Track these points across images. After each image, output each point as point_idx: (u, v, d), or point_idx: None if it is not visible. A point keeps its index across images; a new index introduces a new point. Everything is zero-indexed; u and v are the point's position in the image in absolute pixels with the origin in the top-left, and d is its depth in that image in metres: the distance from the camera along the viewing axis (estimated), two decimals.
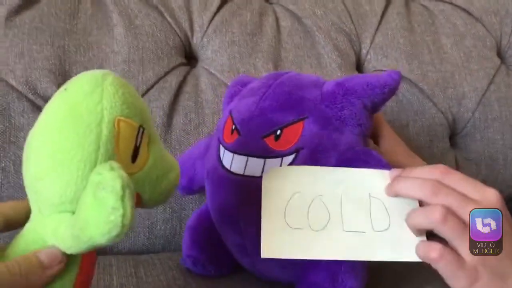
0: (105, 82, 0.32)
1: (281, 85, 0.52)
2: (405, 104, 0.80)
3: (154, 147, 0.35)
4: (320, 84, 0.52)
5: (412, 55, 0.83)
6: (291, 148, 0.48)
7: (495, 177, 0.82)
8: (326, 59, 0.80)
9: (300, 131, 0.48)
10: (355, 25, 0.83)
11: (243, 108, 0.52)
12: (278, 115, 0.49)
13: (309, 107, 0.49)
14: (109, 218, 0.27)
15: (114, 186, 0.27)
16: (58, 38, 0.69)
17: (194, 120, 0.72)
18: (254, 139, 0.49)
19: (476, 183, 0.42)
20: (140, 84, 0.71)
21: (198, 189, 0.60)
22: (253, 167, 0.48)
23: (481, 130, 0.82)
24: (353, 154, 0.48)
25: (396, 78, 0.49)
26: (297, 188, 0.45)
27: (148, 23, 0.74)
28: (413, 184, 0.43)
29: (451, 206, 0.41)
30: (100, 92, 0.31)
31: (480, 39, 0.87)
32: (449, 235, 0.41)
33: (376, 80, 0.49)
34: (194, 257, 0.56)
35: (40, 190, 0.31)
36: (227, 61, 0.76)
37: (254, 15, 0.79)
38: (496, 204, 0.41)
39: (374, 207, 0.45)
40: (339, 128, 0.49)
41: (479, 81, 0.83)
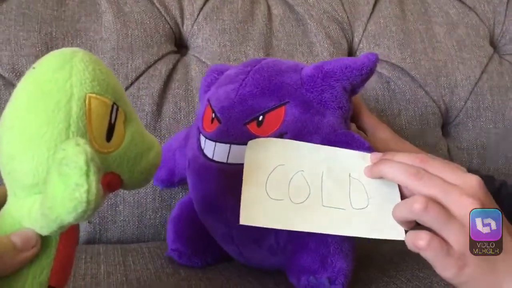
0: (74, 59, 0.31)
1: (260, 71, 0.51)
2: (397, 92, 0.80)
3: (131, 125, 0.34)
4: (298, 68, 0.52)
5: (405, 44, 0.82)
6: (274, 133, 0.48)
7: (487, 166, 0.82)
8: (318, 47, 0.79)
9: (282, 116, 0.48)
10: (348, 13, 0.82)
11: (222, 96, 0.51)
12: (259, 101, 0.49)
13: (289, 92, 0.49)
14: (74, 195, 0.26)
15: (77, 161, 0.26)
16: (45, 25, 0.68)
17: (184, 108, 0.71)
18: (236, 126, 0.49)
19: (457, 169, 0.42)
20: (129, 72, 0.70)
21: (179, 181, 0.60)
22: (236, 154, 0.48)
23: (474, 119, 0.82)
24: (336, 137, 0.48)
25: (373, 59, 0.49)
26: (280, 161, 0.45)
27: (138, 10, 0.73)
28: (398, 168, 0.43)
29: (434, 193, 0.41)
30: (69, 69, 0.31)
31: (473, 28, 0.86)
32: (433, 223, 0.40)
33: (354, 62, 0.49)
34: (179, 251, 0.56)
35: (13, 171, 0.31)
36: (218, 49, 0.75)
37: (245, 3, 0.79)
38: (477, 189, 0.41)
39: (353, 187, 0.45)
40: (320, 111, 0.49)
41: (472, 70, 0.83)
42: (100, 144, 0.31)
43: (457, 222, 0.40)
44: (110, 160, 0.33)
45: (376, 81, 0.79)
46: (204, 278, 0.53)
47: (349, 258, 0.49)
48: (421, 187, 0.41)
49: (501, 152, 0.82)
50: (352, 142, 0.48)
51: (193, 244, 0.56)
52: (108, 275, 0.53)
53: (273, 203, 0.44)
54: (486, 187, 0.42)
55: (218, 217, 0.50)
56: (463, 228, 0.40)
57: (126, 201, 0.67)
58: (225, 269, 0.56)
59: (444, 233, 0.40)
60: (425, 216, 0.40)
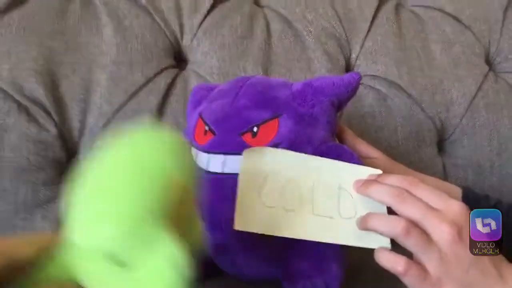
0: (175, 142, 0.33)
1: (253, 86, 0.54)
2: (393, 109, 0.80)
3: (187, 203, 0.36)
4: (288, 85, 0.55)
5: (401, 61, 0.83)
6: (269, 143, 0.50)
7: (482, 183, 0.82)
8: (316, 63, 0.80)
9: (276, 127, 0.50)
10: (345, 30, 0.83)
11: (217, 109, 0.53)
12: (254, 113, 0.51)
13: (282, 105, 0.52)
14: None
15: (183, 270, 0.29)
16: (46, 39, 0.69)
17: (182, 123, 0.71)
18: (231, 137, 0.50)
19: (442, 195, 0.44)
20: (128, 86, 0.70)
21: None
22: (232, 164, 0.49)
23: (469, 136, 0.82)
24: (327, 148, 0.51)
25: (356, 78, 0.53)
26: (274, 169, 0.48)
27: (137, 24, 0.74)
28: (383, 189, 0.45)
29: (415, 216, 0.43)
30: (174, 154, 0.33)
31: (469, 46, 0.87)
32: (412, 248, 0.42)
33: (341, 80, 0.53)
34: None
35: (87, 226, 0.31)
36: (217, 63, 0.75)
37: (244, 18, 0.79)
38: (459, 215, 0.43)
39: (342, 197, 0.48)
40: (311, 124, 0.52)
41: (467, 88, 0.84)
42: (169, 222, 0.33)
43: (435, 248, 0.42)
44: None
45: (373, 98, 0.80)
46: None
47: (343, 263, 0.51)
48: (404, 209, 0.43)
49: (496, 170, 0.83)
50: (342, 154, 0.50)
51: None
52: None
53: (267, 210, 0.46)
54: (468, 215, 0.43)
55: (213, 227, 0.51)
56: (439, 253, 0.41)
57: None
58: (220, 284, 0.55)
59: (422, 258, 0.42)
60: (405, 240, 0.42)
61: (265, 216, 0.46)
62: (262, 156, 0.48)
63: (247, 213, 0.46)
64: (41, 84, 0.66)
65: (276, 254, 0.51)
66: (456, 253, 0.42)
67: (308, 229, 0.46)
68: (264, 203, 0.46)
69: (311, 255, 0.50)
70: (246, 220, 0.45)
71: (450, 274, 0.42)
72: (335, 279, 0.50)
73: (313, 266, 0.50)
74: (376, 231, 0.45)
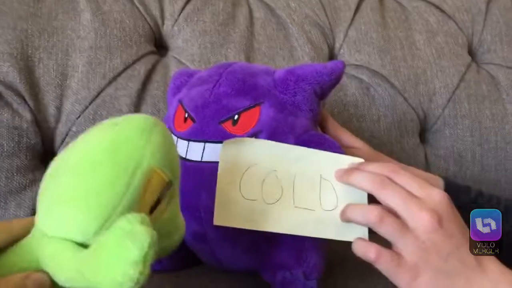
0: (154, 130, 0.32)
1: (233, 73, 0.52)
2: (376, 99, 0.80)
3: (173, 203, 0.35)
4: (271, 72, 0.53)
5: (385, 51, 0.83)
6: (249, 132, 0.48)
7: (464, 173, 0.82)
8: (299, 52, 0.79)
9: (257, 115, 0.49)
10: (329, 18, 0.83)
11: (196, 96, 0.52)
12: (234, 100, 0.50)
13: (264, 93, 0.51)
14: (128, 271, 0.27)
15: (143, 242, 0.27)
16: (21, 22, 0.67)
17: (162, 109, 0.70)
18: (211, 125, 0.49)
19: (423, 183, 0.44)
20: (107, 72, 0.69)
21: None
22: (211, 152, 0.48)
23: (451, 127, 0.83)
24: (308, 137, 0.50)
25: (340, 67, 0.52)
26: (254, 161, 0.46)
27: (117, 9, 0.72)
28: (365, 176, 0.45)
29: (394, 203, 0.43)
30: (146, 138, 0.32)
31: (452, 36, 0.87)
32: (386, 235, 0.43)
33: (324, 67, 0.52)
34: None
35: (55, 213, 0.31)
36: (198, 50, 0.74)
37: (226, 5, 0.78)
38: (439, 204, 0.43)
39: (323, 188, 0.47)
40: (293, 113, 0.51)
41: (450, 78, 0.84)
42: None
43: (411, 234, 0.42)
44: None
45: (356, 87, 0.80)
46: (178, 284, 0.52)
47: (322, 253, 0.50)
48: (384, 196, 0.43)
49: (477, 160, 0.83)
50: (324, 142, 0.50)
51: None
52: None
53: (247, 204, 0.45)
54: (450, 204, 0.43)
55: (191, 215, 0.50)
56: (416, 240, 0.41)
57: None
58: (200, 273, 0.55)
59: (398, 245, 0.42)
60: (378, 228, 0.42)
61: (245, 209, 0.45)
62: (240, 147, 0.46)
63: (227, 208, 0.45)
64: (15, 68, 0.64)
65: (255, 244, 0.50)
66: (435, 242, 0.41)
67: (289, 222, 0.46)
68: (244, 196, 0.45)
69: (290, 246, 0.49)
70: (225, 214, 0.45)
71: (428, 262, 0.42)
72: (315, 270, 0.49)
73: (293, 257, 0.49)
74: (353, 221, 0.45)
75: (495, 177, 0.84)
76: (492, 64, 0.89)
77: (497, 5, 0.92)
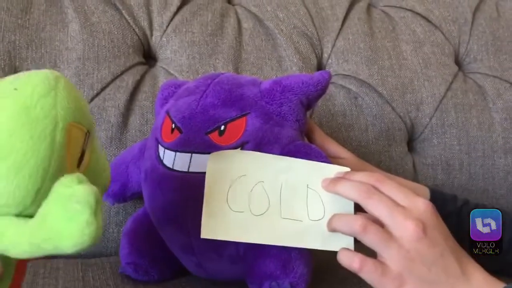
0: (59, 85, 0.31)
1: (220, 84, 0.53)
2: (364, 108, 0.81)
3: (94, 149, 0.35)
4: (257, 83, 0.54)
5: (372, 60, 0.83)
6: (236, 142, 0.49)
7: (451, 181, 0.83)
8: (287, 62, 0.80)
9: (243, 126, 0.50)
10: (317, 29, 0.83)
11: (183, 107, 0.52)
12: (221, 111, 0.50)
13: (250, 103, 0.51)
14: (84, 231, 0.27)
15: (88, 200, 0.27)
16: (8, 33, 0.67)
17: (151, 120, 0.70)
18: (198, 136, 0.49)
19: (408, 192, 0.44)
20: (95, 83, 0.69)
21: (131, 195, 0.60)
22: (198, 163, 0.48)
23: (438, 136, 0.83)
24: (294, 147, 0.50)
25: (326, 77, 0.53)
26: (241, 172, 0.47)
27: (105, 21, 0.72)
28: (351, 186, 0.45)
29: (380, 212, 0.43)
30: (54, 96, 0.30)
31: (438, 46, 0.88)
32: (370, 244, 0.43)
33: (310, 78, 0.52)
34: (134, 263, 0.55)
35: None
36: (187, 61, 0.75)
37: (215, 16, 0.79)
38: (424, 212, 0.43)
39: (310, 198, 0.47)
40: (279, 123, 0.51)
41: (437, 88, 0.85)
42: (73, 171, 0.31)
43: (395, 244, 0.42)
44: None
45: (344, 97, 0.80)
46: None
47: (309, 263, 0.50)
48: (370, 205, 0.44)
49: (465, 169, 0.83)
50: (310, 153, 0.50)
51: (150, 256, 0.55)
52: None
53: (234, 216, 0.45)
54: (435, 213, 0.44)
55: (178, 227, 0.50)
56: (401, 250, 0.42)
57: None
58: (186, 283, 0.55)
59: (382, 254, 0.43)
60: (363, 237, 0.43)
61: (233, 222, 0.45)
62: (227, 159, 0.47)
63: (214, 220, 0.45)
64: None
65: (241, 255, 0.50)
66: (419, 251, 0.42)
67: (277, 234, 0.46)
68: (232, 209, 0.45)
69: (277, 256, 0.49)
70: (213, 227, 0.45)
71: (412, 271, 0.42)
72: (302, 280, 0.49)
73: (279, 267, 0.49)
74: (338, 231, 0.45)
75: (482, 185, 0.85)
76: (478, 74, 0.90)
77: (483, 15, 0.93)
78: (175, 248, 0.53)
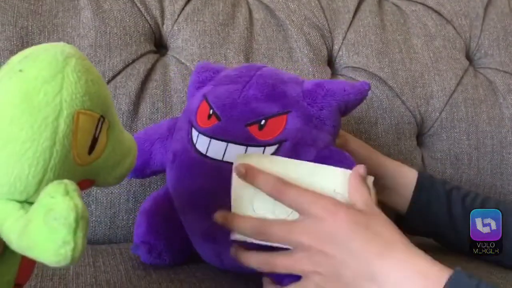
0: (67, 68, 0.29)
1: (264, 77, 0.53)
2: (374, 101, 0.80)
3: (113, 133, 0.33)
4: (299, 81, 0.54)
5: (383, 53, 0.83)
6: (274, 139, 0.49)
7: (460, 176, 0.83)
8: (298, 53, 0.79)
9: (284, 123, 0.50)
10: (328, 20, 0.83)
11: (224, 95, 0.51)
12: (263, 105, 0.50)
13: (292, 102, 0.51)
14: (59, 251, 0.25)
15: (67, 218, 0.25)
16: (21, 19, 0.67)
17: (161, 108, 0.70)
18: (237, 126, 0.49)
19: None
20: (106, 70, 0.69)
21: (151, 173, 0.59)
22: (233, 153, 0.48)
23: (448, 130, 0.83)
24: (329, 152, 0.50)
25: (366, 88, 0.53)
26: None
27: (117, 8, 0.72)
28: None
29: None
30: (60, 80, 0.28)
31: (449, 41, 0.88)
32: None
33: (352, 87, 0.52)
34: (150, 244, 0.54)
35: None
36: (198, 50, 0.74)
37: (226, 6, 0.78)
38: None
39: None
40: (318, 126, 0.51)
41: (447, 82, 0.84)
42: (82, 159, 0.30)
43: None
44: (88, 170, 0.32)
45: None
46: (175, 280, 0.52)
47: None
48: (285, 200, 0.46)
49: (474, 163, 0.83)
50: (343, 160, 0.50)
51: (166, 238, 0.55)
52: (77, 276, 0.51)
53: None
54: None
55: (203, 214, 0.50)
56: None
57: (99, 201, 0.66)
58: (197, 270, 0.55)
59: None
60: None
61: None
62: (254, 163, 0.46)
63: None
64: None
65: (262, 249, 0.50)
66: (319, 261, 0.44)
67: None
68: (256, 211, 0.46)
69: None
70: None
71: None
72: None
73: None
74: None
75: (491, 180, 0.84)
76: (489, 69, 0.90)
77: (495, 10, 0.93)
78: (196, 234, 0.52)
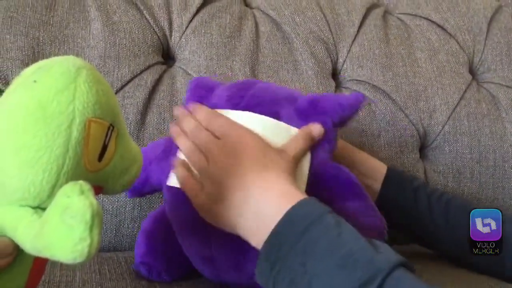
0: (79, 79, 0.30)
1: (255, 98, 0.53)
2: (377, 114, 0.81)
3: (121, 141, 0.35)
4: (294, 99, 0.53)
5: (387, 67, 0.84)
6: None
7: (462, 190, 0.83)
8: (303, 66, 0.81)
9: None
10: (333, 34, 0.84)
11: None
12: None
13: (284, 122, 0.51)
14: (76, 247, 0.26)
15: (84, 215, 0.26)
16: (33, 29, 0.68)
17: (168, 119, 0.71)
18: None
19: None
20: (115, 81, 0.70)
21: (148, 191, 0.59)
22: None
23: (450, 144, 0.84)
24: (325, 168, 0.51)
25: (361, 100, 0.53)
26: None
27: (127, 20, 0.74)
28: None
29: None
30: (73, 90, 0.30)
31: (453, 55, 0.89)
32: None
33: (346, 100, 0.52)
34: (149, 265, 0.55)
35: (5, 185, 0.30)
36: (204, 62, 0.76)
37: (233, 18, 0.80)
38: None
39: None
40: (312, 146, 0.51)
41: (451, 96, 0.85)
42: (92, 165, 0.31)
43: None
44: (98, 177, 0.33)
45: None
46: None
47: None
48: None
49: (476, 177, 0.84)
50: (339, 174, 0.51)
51: (165, 259, 0.55)
52: (83, 283, 0.52)
53: None
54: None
55: (199, 240, 0.50)
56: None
57: (105, 209, 0.67)
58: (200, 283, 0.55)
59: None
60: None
61: None
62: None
63: None
64: None
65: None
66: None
67: None
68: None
69: None
70: None
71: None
72: None
73: None
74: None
75: (492, 195, 0.85)
76: (492, 83, 0.91)
77: (499, 25, 0.94)
78: (194, 258, 0.53)
